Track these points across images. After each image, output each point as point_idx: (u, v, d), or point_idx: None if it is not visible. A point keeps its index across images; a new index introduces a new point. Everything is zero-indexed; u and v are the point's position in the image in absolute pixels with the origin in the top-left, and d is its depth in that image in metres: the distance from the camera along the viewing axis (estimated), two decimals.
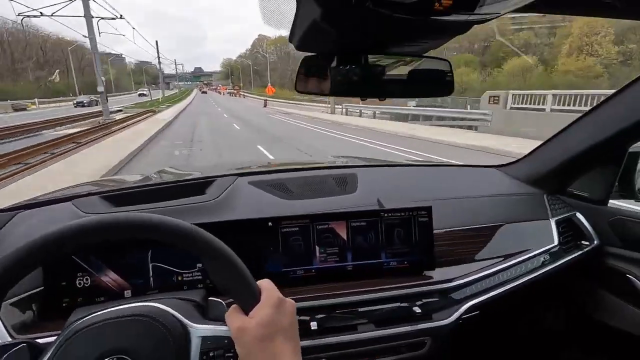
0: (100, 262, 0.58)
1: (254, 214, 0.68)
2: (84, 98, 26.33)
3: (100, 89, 12.29)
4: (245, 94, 51.20)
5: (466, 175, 1.02)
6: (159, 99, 33.13)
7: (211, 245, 0.35)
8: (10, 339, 0.46)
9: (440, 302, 0.66)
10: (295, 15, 0.34)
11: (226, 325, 0.35)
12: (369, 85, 0.47)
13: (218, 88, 75.28)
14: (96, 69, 12.09)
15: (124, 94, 54.46)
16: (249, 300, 0.35)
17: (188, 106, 25.28)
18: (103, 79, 12.36)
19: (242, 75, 74.22)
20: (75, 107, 24.46)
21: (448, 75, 0.49)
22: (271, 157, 6.19)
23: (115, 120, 12.77)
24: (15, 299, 0.54)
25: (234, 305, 0.36)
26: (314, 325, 0.59)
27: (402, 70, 0.48)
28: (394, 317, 0.63)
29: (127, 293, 0.59)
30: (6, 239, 0.63)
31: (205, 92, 64.95)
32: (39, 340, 0.36)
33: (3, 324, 0.44)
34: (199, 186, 0.82)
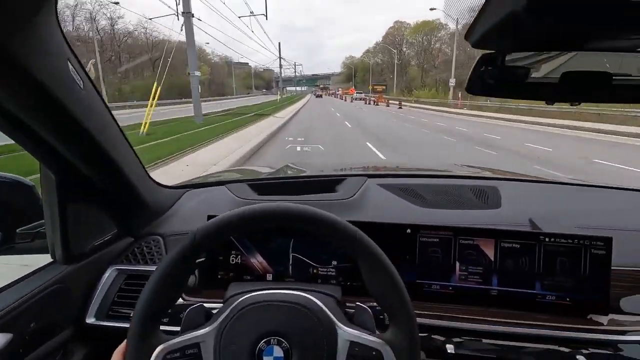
0: (251, 244, 0.78)
1: (388, 218, 0.81)
2: None
3: None
4: (403, 103, 31.98)
5: None
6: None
7: (375, 255, 0.49)
8: (182, 300, 0.67)
9: (609, 357, 0.65)
10: (485, 5, 0.38)
11: (374, 336, 0.49)
12: (568, 86, 0.49)
13: (337, 92, 71.27)
14: None
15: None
16: (402, 322, 0.48)
17: None
18: None
19: (371, 75, 68.06)
20: None
21: None
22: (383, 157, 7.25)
23: None
24: None
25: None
26: (450, 348, 0.67)
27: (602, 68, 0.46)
28: None
29: (269, 276, 0.78)
30: (179, 211, 0.97)
31: (320, 96, 67.40)
32: (205, 305, 0.54)
33: None
34: (331, 183, 1.07)
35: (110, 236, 0.83)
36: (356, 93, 47.96)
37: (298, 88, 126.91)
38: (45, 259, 0.72)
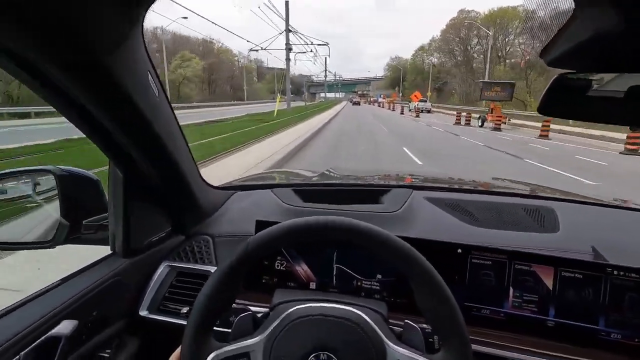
0: (297, 253, 0.93)
1: (436, 235, 0.89)
2: None
3: None
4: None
5: None
6: None
7: (431, 276, 0.56)
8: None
9: None
10: (567, 25, 0.42)
11: (425, 356, 0.56)
12: None
13: (380, 99, 69.13)
14: None
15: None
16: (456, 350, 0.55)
17: None
18: None
19: (430, 78, 62.19)
20: None
21: None
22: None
23: None
24: None
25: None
26: None
27: None
28: None
29: (312, 285, 0.92)
30: (228, 212, 1.17)
31: (357, 104, 65.21)
32: (252, 308, 0.67)
33: None
34: (375, 193, 1.22)
35: (164, 234, 1.01)
36: (420, 102, 35.32)
37: (330, 95, 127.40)
38: (104, 250, 0.90)
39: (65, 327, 0.70)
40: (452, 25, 63.22)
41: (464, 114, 22.92)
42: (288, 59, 30.45)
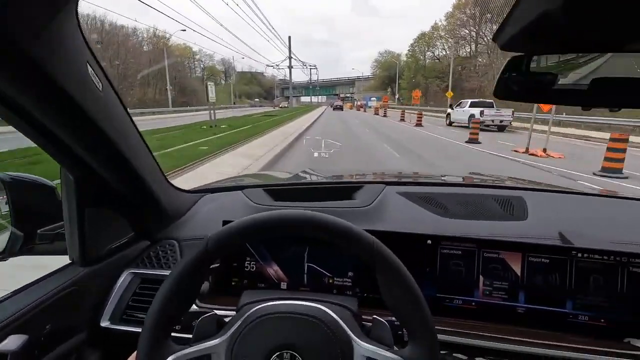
0: (266, 252, 1.05)
1: (408, 228, 1.04)
2: None
3: None
4: None
5: None
6: None
7: (394, 266, 0.64)
8: (195, 307, 0.94)
9: None
10: (515, 5, 0.48)
11: (391, 352, 0.62)
12: (600, 92, 0.61)
13: (370, 102, 64.22)
14: None
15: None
16: (420, 339, 0.62)
17: None
18: None
19: (451, 74, 44.73)
20: None
21: None
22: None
23: None
24: None
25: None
26: None
27: None
28: None
29: (283, 285, 1.05)
30: (195, 215, 1.31)
31: (340, 108, 62.47)
32: (218, 312, 0.72)
33: None
34: (348, 190, 1.40)
35: (127, 239, 1.13)
36: (483, 106, 20.52)
37: (306, 99, 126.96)
38: (64, 260, 1.00)
39: (12, 342, 0.75)
40: (462, 5, 57.44)
41: None
42: None
